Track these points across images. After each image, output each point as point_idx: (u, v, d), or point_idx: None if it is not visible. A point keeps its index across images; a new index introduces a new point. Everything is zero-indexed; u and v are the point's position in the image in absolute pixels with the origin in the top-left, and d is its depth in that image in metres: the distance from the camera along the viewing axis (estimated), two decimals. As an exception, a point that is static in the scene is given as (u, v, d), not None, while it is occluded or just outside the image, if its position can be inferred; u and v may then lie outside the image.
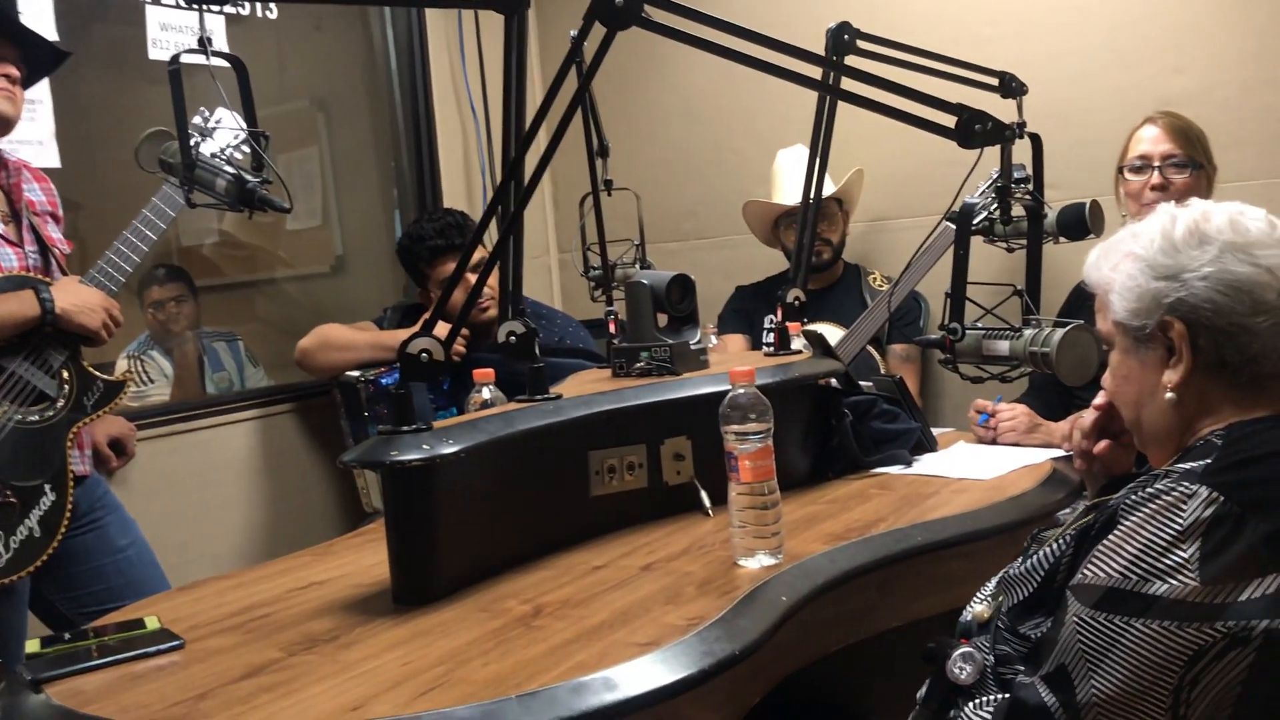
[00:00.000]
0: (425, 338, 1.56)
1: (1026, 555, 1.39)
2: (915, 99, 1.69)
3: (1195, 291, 1.21)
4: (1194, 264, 1.22)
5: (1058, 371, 1.68)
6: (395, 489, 1.60)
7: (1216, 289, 1.20)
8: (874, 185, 3.31)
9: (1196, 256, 1.22)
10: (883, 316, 2.93)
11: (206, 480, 3.04)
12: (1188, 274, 1.22)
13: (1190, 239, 1.23)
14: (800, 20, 3.32)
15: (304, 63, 3.80)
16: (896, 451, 2.22)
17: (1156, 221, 1.27)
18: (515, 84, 1.85)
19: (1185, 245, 1.23)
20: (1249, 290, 1.20)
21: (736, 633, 1.37)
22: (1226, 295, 1.20)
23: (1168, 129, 2.53)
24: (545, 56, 3.99)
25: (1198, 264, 1.21)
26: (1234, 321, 1.20)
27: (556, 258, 4.13)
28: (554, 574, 1.66)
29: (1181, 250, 1.23)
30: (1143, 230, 1.28)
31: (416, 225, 3.06)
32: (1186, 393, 1.25)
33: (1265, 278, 1.20)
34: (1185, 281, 1.22)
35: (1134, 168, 2.54)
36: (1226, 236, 1.22)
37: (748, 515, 1.60)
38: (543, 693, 1.21)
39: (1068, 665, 1.15)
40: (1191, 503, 1.12)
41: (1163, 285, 1.23)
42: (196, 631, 1.52)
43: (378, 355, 2.97)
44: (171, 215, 2.27)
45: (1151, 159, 2.51)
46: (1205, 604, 1.08)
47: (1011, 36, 3.06)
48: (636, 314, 2.10)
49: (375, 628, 1.48)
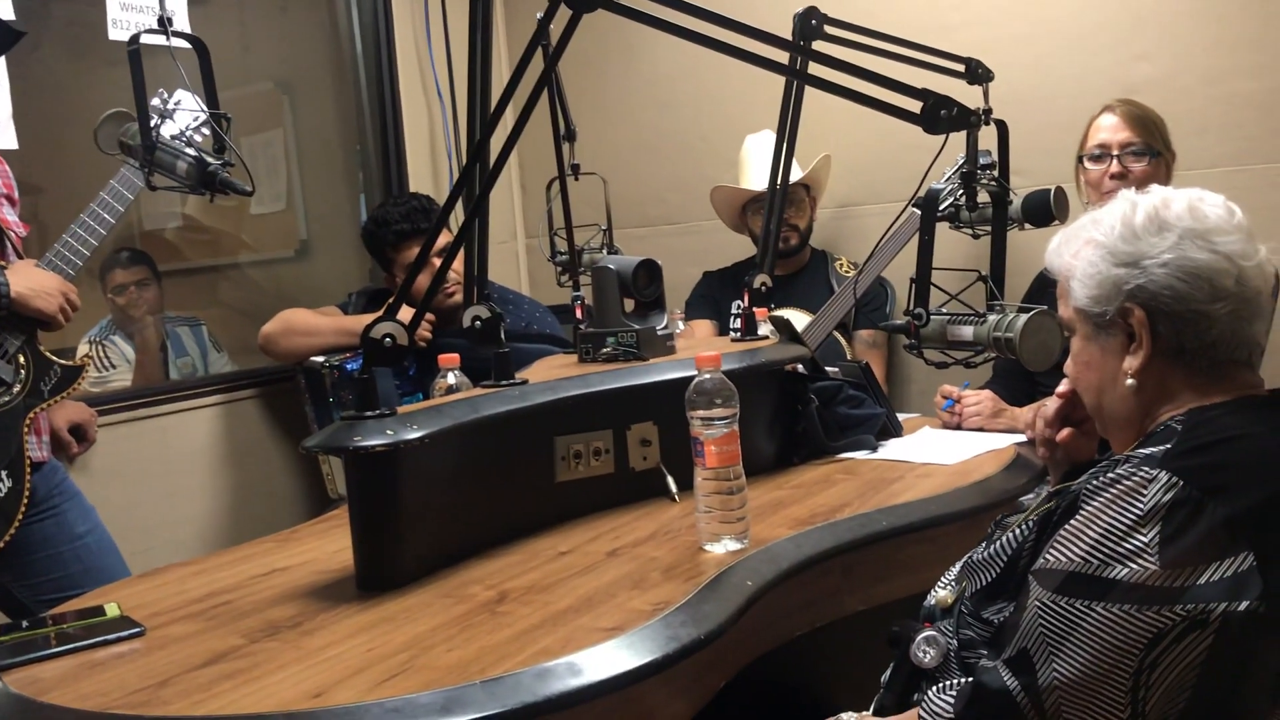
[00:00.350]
0: (389, 322, 1.54)
1: (990, 541, 1.40)
2: (881, 84, 1.69)
3: (1155, 278, 1.22)
4: (1154, 251, 1.22)
5: (1021, 356, 1.69)
6: (359, 475, 1.59)
7: (1176, 276, 1.21)
8: (841, 171, 3.32)
9: (1156, 243, 1.22)
10: (849, 302, 2.94)
11: (169, 466, 3.01)
12: (1148, 260, 1.22)
13: (1150, 226, 1.24)
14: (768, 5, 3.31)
15: (268, 44, 3.76)
16: (862, 437, 2.23)
17: (1117, 208, 1.28)
18: (480, 67, 1.84)
19: (1145, 232, 1.24)
20: (1208, 277, 1.21)
21: (701, 617, 1.37)
22: (1186, 282, 1.21)
23: (1126, 117, 2.54)
24: (512, 39, 3.97)
25: (1157, 251, 1.22)
26: (1193, 308, 1.21)
27: (524, 243, 4.11)
28: (519, 559, 1.65)
29: (1141, 237, 1.24)
30: (1103, 217, 1.28)
31: (382, 209, 3.04)
32: (1146, 379, 1.26)
33: (1224, 264, 1.21)
34: (1145, 268, 1.22)
35: (1093, 156, 2.56)
36: (1186, 223, 1.22)
37: (713, 500, 1.60)
38: (507, 678, 1.21)
39: (1029, 649, 1.16)
40: (1151, 487, 1.13)
41: (1123, 272, 1.24)
42: (157, 619, 1.51)
43: (342, 340, 2.95)
44: (130, 198, 2.23)
45: (1110, 147, 2.53)
46: (1165, 587, 1.09)
47: (977, 23, 3.07)
48: (603, 299, 2.09)
49: (338, 614, 1.47)
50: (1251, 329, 1.24)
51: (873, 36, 2.12)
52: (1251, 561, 1.09)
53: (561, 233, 2.60)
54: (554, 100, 2.52)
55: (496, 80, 1.73)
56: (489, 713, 1.16)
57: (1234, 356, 1.24)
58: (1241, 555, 1.09)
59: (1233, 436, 1.18)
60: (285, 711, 1.18)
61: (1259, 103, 2.70)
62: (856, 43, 2.12)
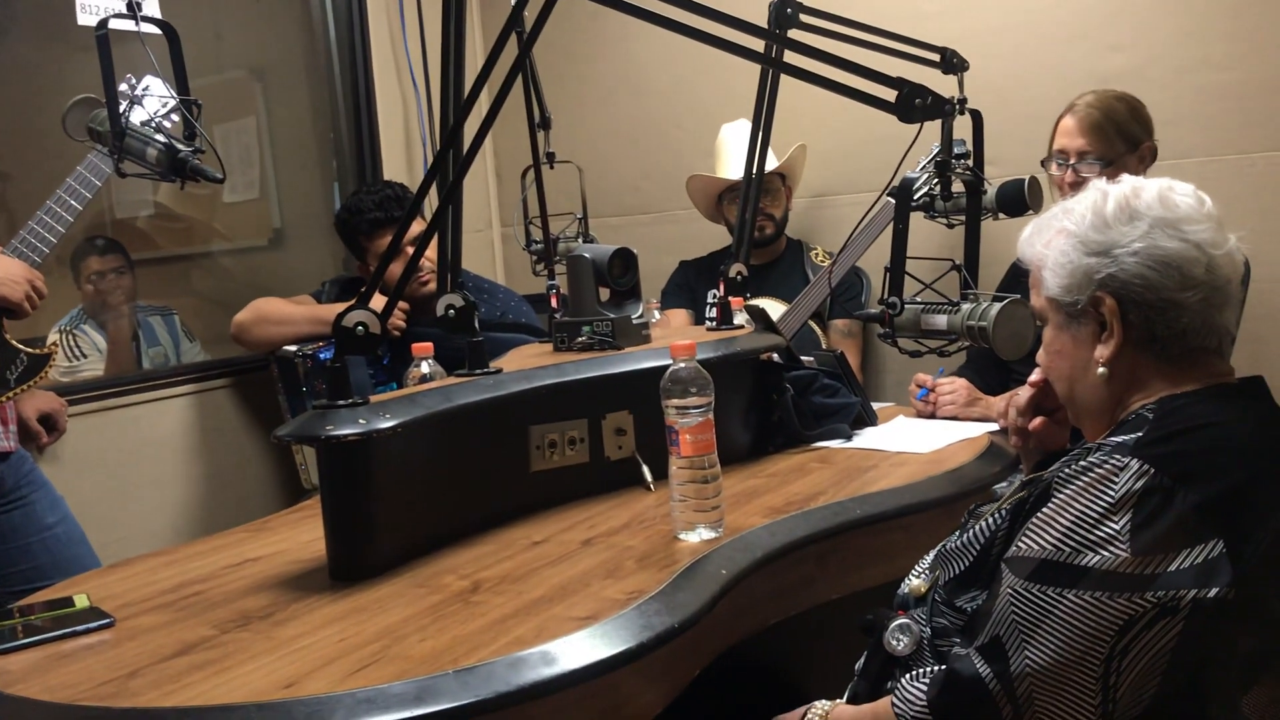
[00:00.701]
0: (361, 311, 1.53)
1: (964, 530, 1.40)
2: (857, 73, 1.69)
3: (1126, 267, 1.22)
4: (1125, 240, 1.23)
5: (994, 345, 1.69)
6: (331, 464, 1.58)
7: (1147, 264, 1.22)
8: (817, 160, 3.32)
9: (1127, 232, 1.23)
10: (824, 292, 2.94)
11: (141, 457, 2.99)
12: (1119, 250, 1.23)
13: (1121, 215, 1.24)
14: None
15: (241, 31, 3.72)
16: (837, 426, 2.23)
17: (1088, 198, 1.28)
18: (454, 52, 1.82)
19: (1116, 221, 1.24)
20: (1178, 265, 1.21)
21: (675, 606, 1.37)
22: (1156, 270, 1.22)
23: (1081, 123, 2.47)
24: (487, 26, 3.95)
25: (1128, 240, 1.23)
26: (1164, 296, 1.22)
27: (499, 231, 4.10)
28: (493, 549, 1.65)
29: (1112, 226, 1.24)
30: (1074, 206, 1.29)
31: (355, 198, 3.01)
32: (1118, 367, 1.26)
33: (1194, 253, 1.21)
34: (1116, 257, 1.23)
35: (1055, 159, 2.54)
36: (1156, 212, 1.23)
37: (688, 489, 1.60)
38: (480, 668, 1.21)
39: (1002, 636, 1.17)
40: (1123, 475, 1.14)
41: (1094, 261, 1.24)
42: (127, 610, 1.49)
43: (316, 329, 2.93)
44: (98, 184, 2.21)
45: (1068, 155, 2.49)
46: (1136, 574, 1.10)
47: (952, 12, 3.07)
48: (578, 288, 2.09)
49: (311, 604, 1.46)
50: (1222, 317, 1.25)
51: (848, 25, 2.12)
52: (1221, 548, 1.10)
53: (537, 221, 2.59)
54: (528, 88, 2.51)
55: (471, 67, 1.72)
56: (462, 702, 1.15)
57: (1204, 344, 1.25)
58: (1211, 542, 1.10)
59: (1203, 425, 1.19)
60: (256, 702, 1.17)
61: (1231, 94, 2.72)
62: (832, 31, 2.12)
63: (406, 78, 3.74)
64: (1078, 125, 2.49)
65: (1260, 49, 2.67)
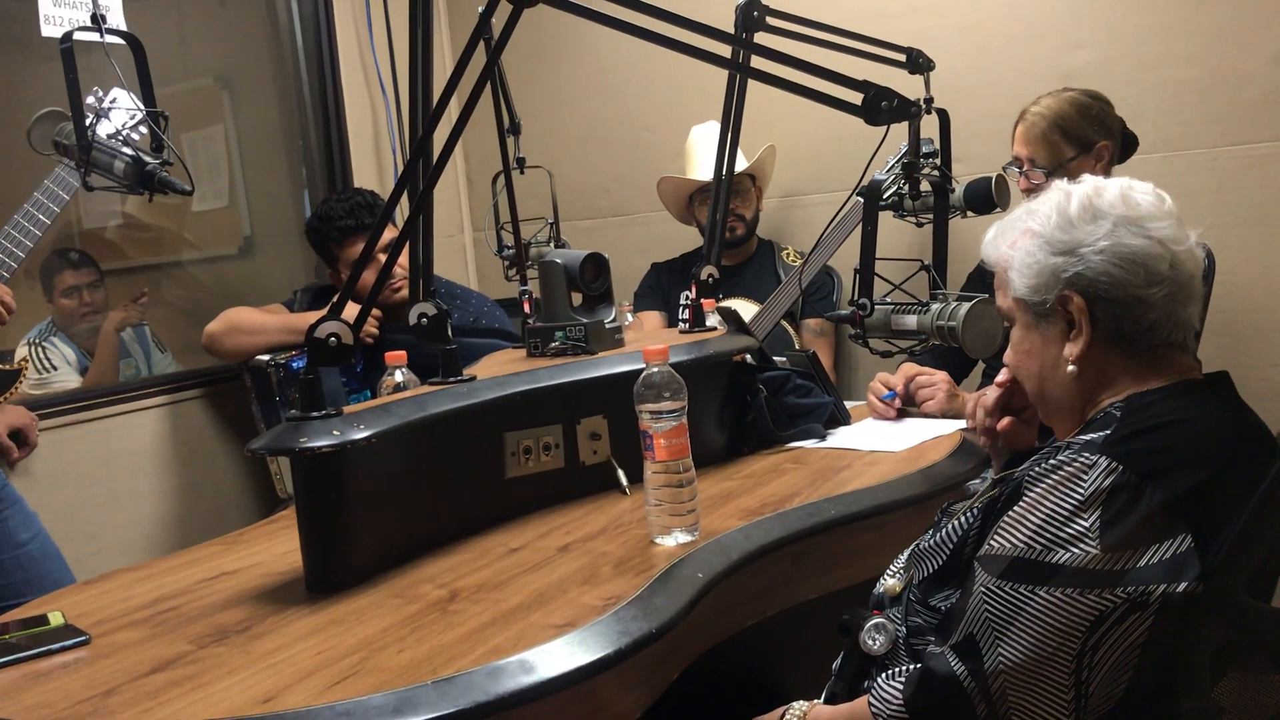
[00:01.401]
0: (333, 321, 1.53)
1: (937, 528, 1.42)
2: (824, 77, 1.70)
3: (1092, 265, 1.24)
4: (1090, 238, 1.25)
5: (963, 345, 1.71)
6: (306, 476, 1.57)
7: (1112, 262, 1.23)
8: (787, 161, 3.33)
9: (1092, 231, 1.25)
10: (795, 292, 2.95)
11: (114, 470, 2.97)
12: (1084, 248, 1.25)
13: (1085, 214, 1.26)
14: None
15: (207, 39, 3.71)
16: (810, 426, 2.24)
17: (1051, 198, 1.30)
18: (421, 62, 1.82)
19: (1080, 220, 1.26)
20: (1143, 262, 1.23)
21: (653, 611, 1.38)
22: (1122, 268, 1.23)
23: (1027, 132, 2.50)
24: (455, 33, 3.95)
25: (1093, 238, 1.24)
26: (1130, 293, 1.24)
27: (471, 236, 4.09)
28: (470, 557, 1.65)
29: (1077, 225, 1.26)
30: (1039, 207, 1.31)
31: (326, 205, 3.00)
32: (1087, 365, 1.28)
33: (1158, 249, 1.23)
34: (1082, 256, 1.25)
35: (1013, 166, 2.56)
36: (1119, 211, 1.25)
37: (663, 494, 1.60)
38: (459, 678, 1.21)
39: (975, 635, 1.18)
40: (1092, 473, 1.15)
41: (1060, 260, 1.26)
42: (103, 626, 1.49)
43: (288, 339, 2.92)
44: (65, 198, 2.19)
45: (1020, 161, 2.52)
46: (1106, 570, 1.12)
47: (918, 12, 3.09)
48: (550, 293, 2.09)
49: (288, 617, 1.46)
50: (1186, 311, 1.27)
51: (815, 27, 2.13)
52: (1190, 543, 1.11)
53: (508, 226, 2.59)
54: (497, 95, 2.50)
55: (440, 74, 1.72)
56: (441, 713, 1.15)
57: (1170, 339, 1.26)
58: (1180, 537, 1.12)
59: (1170, 421, 1.21)
60: (234, 718, 1.16)
61: (1194, 89, 2.75)
62: (799, 34, 2.13)
63: (375, 83, 3.73)
64: (1024, 134, 2.52)
65: (1221, 44, 2.70)
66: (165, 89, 1.94)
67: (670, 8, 1.64)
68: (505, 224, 2.64)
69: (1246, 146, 2.70)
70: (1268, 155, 2.67)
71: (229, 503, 3.22)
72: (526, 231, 2.62)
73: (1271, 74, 2.66)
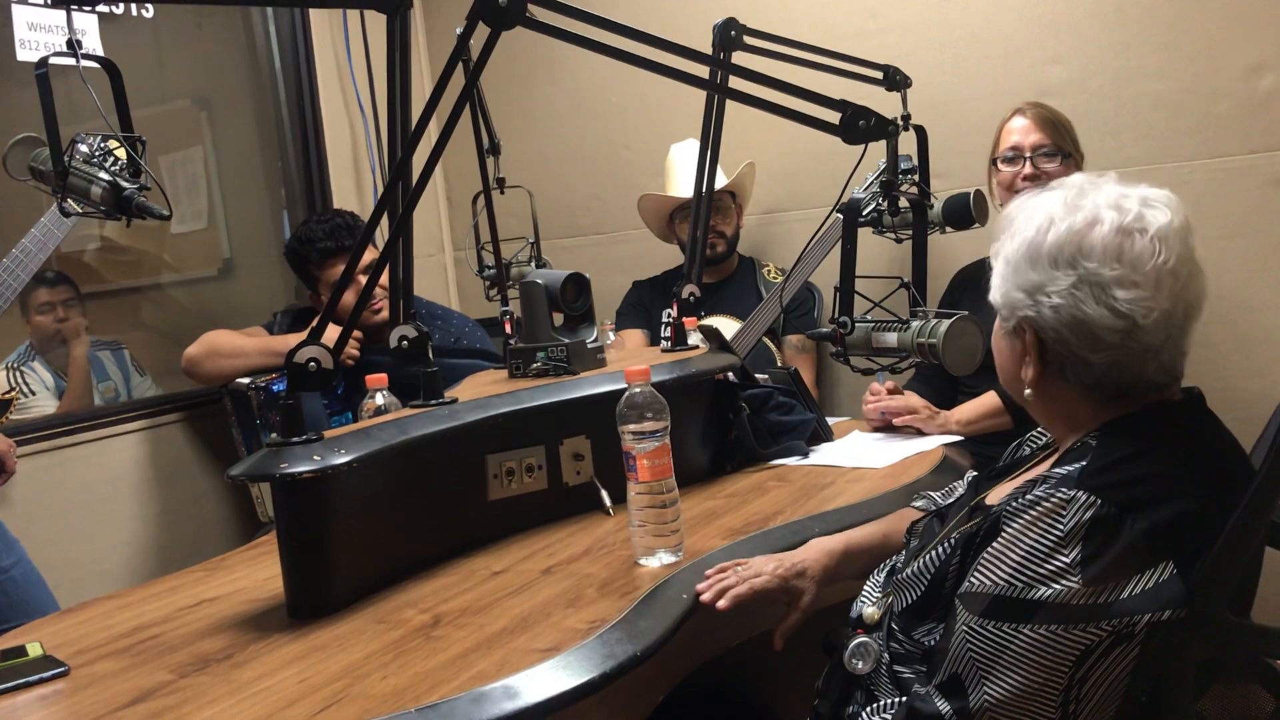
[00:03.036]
0: (312, 346, 1.52)
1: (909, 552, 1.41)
2: (801, 96, 1.71)
3: (1044, 315, 1.22)
4: (1049, 287, 1.21)
5: (944, 362, 1.71)
6: (286, 502, 1.56)
7: (1062, 321, 1.21)
8: (766, 178, 3.34)
9: (1056, 278, 1.21)
10: (776, 310, 2.96)
11: (94, 495, 2.94)
12: (1041, 296, 1.22)
13: (1059, 253, 1.21)
14: (688, 15, 3.33)
15: (185, 61, 3.69)
16: (793, 443, 2.25)
17: (1044, 209, 1.24)
18: (400, 84, 1.82)
19: (1051, 260, 1.21)
20: (1090, 330, 1.20)
21: (637, 633, 1.37)
22: (1070, 329, 1.21)
23: (1036, 119, 2.60)
24: (434, 54, 3.95)
25: (1053, 289, 1.21)
26: (1074, 351, 1.22)
27: (451, 256, 4.09)
28: (453, 581, 1.64)
29: (1045, 265, 1.22)
30: (1030, 215, 1.25)
31: (305, 227, 3.00)
32: (1043, 393, 1.28)
33: (1111, 321, 1.18)
34: (1038, 302, 1.22)
35: (1006, 159, 2.61)
36: (1091, 265, 1.19)
37: (647, 514, 1.60)
38: (443, 705, 1.20)
39: (960, 674, 1.17)
40: (1070, 508, 1.14)
41: (1020, 296, 1.24)
42: (82, 656, 1.47)
43: (268, 361, 2.90)
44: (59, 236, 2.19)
45: (1023, 149, 2.58)
46: (1090, 605, 1.10)
47: (894, 29, 3.11)
48: (532, 314, 2.09)
49: (270, 645, 1.45)
50: (1142, 368, 1.22)
51: (792, 46, 2.14)
52: (1172, 570, 1.10)
53: (489, 246, 2.59)
54: (476, 115, 2.51)
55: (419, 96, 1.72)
56: (425, 741, 1.15)
57: (1123, 387, 1.23)
58: (1162, 565, 1.11)
59: (1144, 450, 1.19)
60: (216, 749, 1.16)
61: (1168, 103, 2.77)
62: (776, 52, 2.14)
63: (354, 104, 3.73)
64: (1032, 122, 2.59)
65: (1193, 59, 2.73)
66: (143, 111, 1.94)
67: (647, 28, 1.65)
68: (486, 244, 2.64)
69: (1220, 160, 2.72)
70: (1240, 169, 2.69)
71: (210, 527, 3.20)
72: (507, 251, 2.62)
73: (1243, 88, 2.68)
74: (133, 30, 3.38)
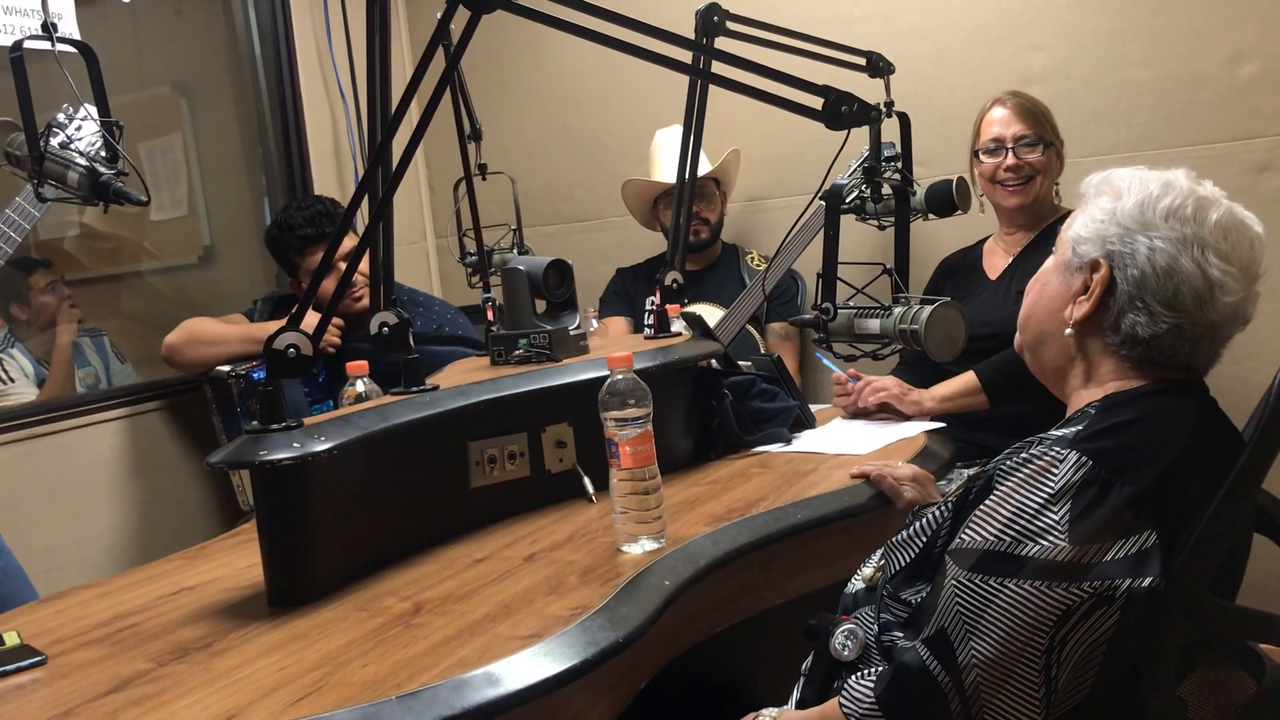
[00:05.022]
0: (292, 332, 1.51)
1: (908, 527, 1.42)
2: (784, 81, 1.70)
3: (1137, 254, 1.24)
4: (1154, 232, 1.23)
5: (926, 348, 1.71)
6: (266, 489, 1.55)
7: (1155, 264, 1.23)
8: (751, 165, 3.34)
9: (1161, 229, 1.23)
10: (760, 297, 2.96)
11: (73, 484, 2.92)
12: (1141, 236, 1.24)
13: (1170, 213, 1.23)
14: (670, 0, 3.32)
15: (164, 47, 3.66)
16: (776, 430, 2.24)
17: (1160, 177, 1.27)
18: (380, 68, 1.81)
19: (1166, 212, 1.24)
20: (1177, 282, 1.22)
21: (620, 620, 1.37)
22: (1157, 276, 1.22)
23: (1016, 109, 2.59)
24: (415, 38, 3.92)
25: (1156, 235, 1.23)
26: (1146, 299, 1.23)
27: (434, 243, 4.07)
28: (435, 569, 1.63)
29: (1158, 216, 1.24)
30: (1149, 180, 1.27)
31: (285, 214, 2.97)
32: (1081, 338, 1.29)
33: (1199, 283, 1.22)
34: (1135, 241, 1.24)
35: (988, 150, 2.60)
36: (1203, 231, 1.22)
37: (629, 501, 1.59)
38: (423, 692, 1.19)
39: (947, 628, 1.18)
40: (1062, 467, 1.16)
41: (1116, 231, 1.25)
42: (60, 645, 1.46)
43: (249, 349, 2.89)
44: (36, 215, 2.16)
45: (1004, 140, 2.57)
46: (1073, 564, 1.12)
47: (877, 16, 3.10)
48: (514, 301, 2.08)
49: (250, 633, 1.44)
50: (1194, 350, 1.26)
51: (775, 32, 2.13)
52: (1154, 539, 1.13)
53: (471, 233, 2.57)
54: (457, 99, 2.49)
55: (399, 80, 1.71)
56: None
57: (1161, 359, 1.26)
58: (1145, 533, 1.13)
59: (1140, 418, 1.21)
60: (195, 737, 1.15)
61: (1150, 90, 2.77)
62: (759, 38, 2.13)
63: (334, 89, 3.70)
64: (1012, 112, 2.59)
65: (1175, 47, 2.73)
66: (122, 97, 1.92)
67: (630, 13, 1.64)
68: (468, 230, 2.63)
69: (1201, 147, 2.72)
70: (1220, 156, 2.70)
71: (190, 516, 3.18)
72: (489, 238, 2.61)
73: (1224, 76, 2.69)
74: (110, 15, 3.35)
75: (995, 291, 2.62)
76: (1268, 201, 2.67)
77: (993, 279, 2.67)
